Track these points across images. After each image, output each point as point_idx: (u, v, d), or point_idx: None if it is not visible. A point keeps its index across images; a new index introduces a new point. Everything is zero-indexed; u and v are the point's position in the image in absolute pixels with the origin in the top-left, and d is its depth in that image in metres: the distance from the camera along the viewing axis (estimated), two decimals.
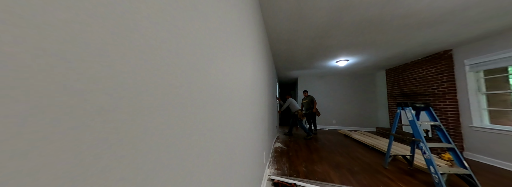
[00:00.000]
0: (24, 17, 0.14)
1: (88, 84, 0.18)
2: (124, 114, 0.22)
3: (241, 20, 0.89)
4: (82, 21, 0.17)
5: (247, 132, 0.99)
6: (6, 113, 0.13)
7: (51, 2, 0.15)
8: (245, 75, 0.97)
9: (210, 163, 0.48)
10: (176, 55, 0.33)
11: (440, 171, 1.58)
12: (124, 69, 0.22)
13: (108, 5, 0.20)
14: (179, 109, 0.34)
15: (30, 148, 0.14)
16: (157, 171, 0.28)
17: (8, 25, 0.13)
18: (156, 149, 0.28)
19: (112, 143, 0.21)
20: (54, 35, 0.15)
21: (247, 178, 0.98)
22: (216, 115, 0.53)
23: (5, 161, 0.12)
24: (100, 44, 0.19)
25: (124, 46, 0.22)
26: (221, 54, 0.58)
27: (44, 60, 0.15)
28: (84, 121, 0.18)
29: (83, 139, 0.17)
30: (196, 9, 0.41)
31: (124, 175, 0.22)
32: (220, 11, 0.58)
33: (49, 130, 0.15)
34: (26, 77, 0.13)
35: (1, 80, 0.12)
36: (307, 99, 4.45)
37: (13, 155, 0.13)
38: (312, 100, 4.36)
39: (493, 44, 2.35)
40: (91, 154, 0.18)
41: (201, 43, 0.43)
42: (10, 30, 0.13)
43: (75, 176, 0.17)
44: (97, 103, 0.19)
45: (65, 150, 0.16)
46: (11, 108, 0.13)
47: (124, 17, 0.22)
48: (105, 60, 0.20)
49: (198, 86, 0.42)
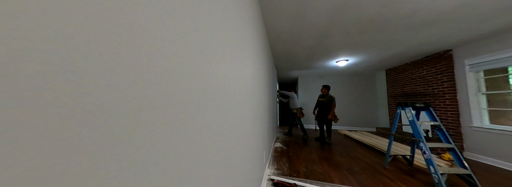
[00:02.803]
0: (24, 17, 0.14)
1: (87, 84, 0.18)
2: (123, 114, 0.22)
3: (241, 20, 0.89)
4: (82, 21, 0.17)
5: (247, 132, 0.99)
6: (6, 112, 0.13)
7: (52, 2, 0.15)
8: (245, 75, 0.97)
9: (209, 163, 0.48)
10: (175, 55, 0.33)
11: (440, 171, 1.58)
12: (124, 69, 0.22)
13: (109, 6, 0.20)
14: (178, 108, 0.34)
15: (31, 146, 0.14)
16: (157, 171, 0.28)
17: (8, 25, 0.13)
18: (156, 149, 0.28)
19: (112, 143, 0.21)
20: (55, 35, 0.15)
21: (247, 178, 0.98)
22: (216, 114, 0.53)
23: (5, 161, 0.12)
24: (100, 44, 0.19)
25: (124, 46, 0.22)
26: (221, 54, 0.58)
27: (44, 59, 0.15)
28: (84, 120, 0.18)
29: (82, 139, 0.17)
30: (195, 9, 0.41)
31: (124, 175, 0.22)
32: (220, 11, 0.58)
33: (49, 129, 0.15)
34: (25, 77, 0.13)
35: (2, 81, 0.12)
36: (324, 98, 3.50)
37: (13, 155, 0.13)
38: (331, 101, 3.38)
39: (493, 44, 2.35)
40: (91, 154, 0.18)
41: (201, 43, 0.43)
42: (10, 32, 0.13)
43: (75, 176, 0.17)
44: (97, 103, 0.19)
45: (65, 150, 0.16)
46: (11, 108, 0.13)
47: (124, 17, 0.22)
48: (105, 60, 0.20)
49: (198, 86, 0.42)
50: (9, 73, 0.13)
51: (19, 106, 0.13)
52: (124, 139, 0.22)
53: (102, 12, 0.19)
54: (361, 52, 3.12)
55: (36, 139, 0.14)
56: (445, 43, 2.60)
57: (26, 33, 0.14)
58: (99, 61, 0.19)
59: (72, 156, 0.17)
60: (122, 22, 0.22)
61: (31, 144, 0.14)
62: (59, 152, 0.16)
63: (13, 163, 0.13)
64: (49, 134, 0.15)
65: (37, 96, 0.14)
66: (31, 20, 0.14)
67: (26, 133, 0.14)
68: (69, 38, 0.16)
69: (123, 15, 0.22)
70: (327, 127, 3.48)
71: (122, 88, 0.22)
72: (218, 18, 0.56)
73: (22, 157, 0.13)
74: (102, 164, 0.19)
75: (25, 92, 0.13)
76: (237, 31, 0.81)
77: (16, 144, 0.13)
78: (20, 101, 0.13)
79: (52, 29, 0.15)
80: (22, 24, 0.13)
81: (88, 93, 0.18)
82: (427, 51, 2.98)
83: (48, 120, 0.15)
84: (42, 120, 0.14)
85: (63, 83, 0.16)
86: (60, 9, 0.16)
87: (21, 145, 0.13)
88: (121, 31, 0.22)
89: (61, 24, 0.16)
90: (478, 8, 1.66)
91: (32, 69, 0.14)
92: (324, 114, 3.45)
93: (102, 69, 0.19)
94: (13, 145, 0.13)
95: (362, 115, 5.29)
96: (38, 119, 0.14)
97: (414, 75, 3.61)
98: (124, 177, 0.22)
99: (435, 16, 1.80)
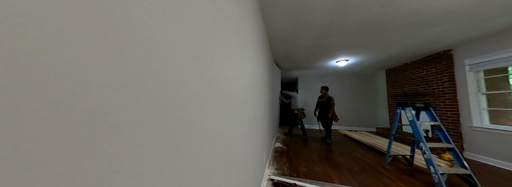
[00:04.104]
0: (23, 17, 0.14)
1: (87, 84, 0.18)
2: (123, 114, 0.22)
3: (241, 20, 0.89)
4: (82, 21, 0.17)
5: (247, 132, 0.99)
6: (6, 112, 0.13)
7: (52, 2, 0.15)
8: (245, 76, 0.97)
9: (209, 163, 0.48)
10: (175, 55, 0.33)
11: (440, 171, 1.58)
12: (123, 69, 0.22)
13: (110, 6, 0.20)
14: (178, 108, 0.34)
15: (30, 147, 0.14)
16: (156, 172, 0.28)
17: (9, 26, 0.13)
18: (155, 149, 0.28)
19: (111, 143, 0.21)
20: (55, 35, 0.15)
21: (247, 178, 0.98)
22: (216, 114, 0.53)
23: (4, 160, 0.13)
24: (100, 43, 0.19)
25: (124, 46, 0.22)
26: (221, 54, 0.58)
27: (44, 59, 0.15)
28: (84, 120, 0.18)
29: (82, 138, 0.17)
30: (195, 9, 0.41)
31: (124, 175, 0.22)
32: (220, 11, 0.58)
33: (49, 129, 0.15)
34: (24, 77, 0.14)
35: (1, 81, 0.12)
36: (323, 98, 3.57)
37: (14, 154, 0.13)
38: (330, 101, 3.45)
39: (493, 44, 2.35)
40: (90, 154, 0.18)
41: (201, 43, 0.43)
42: (11, 31, 0.13)
43: (74, 176, 0.17)
44: (97, 103, 0.19)
45: (65, 150, 0.16)
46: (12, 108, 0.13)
47: (124, 17, 0.22)
48: (105, 60, 0.20)
49: (198, 86, 0.42)
50: (8, 74, 0.13)
51: (20, 106, 0.13)
52: (125, 139, 0.22)
53: (102, 12, 0.19)
54: (361, 52, 3.12)
55: (36, 139, 0.14)
56: (445, 43, 2.60)
57: (25, 33, 0.14)
58: (99, 61, 0.19)
59: (72, 156, 0.17)
60: (122, 22, 0.22)
61: (29, 144, 0.14)
62: (58, 152, 0.16)
63: (12, 162, 0.13)
64: (49, 133, 0.15)
65: (38, 95, 0.14)
66: (31, 21, 0.14)
67: (25, 133, 0.14)
68: (70, 37, 0.16)
69: (124, 15, 0.22)
70: (327, 127, 3.50)
71: (122, 88, 0.22)
72: (218, 18, 0.56)
73: (21, 157, 0.13)
74: (103, 164, 0.19)
75: (25, 93, 0.13)
76: (237, 31, 0.81)
77: (15, 144, 0.13)
78: (21, 101, 0.13)
79: (52, 29, 0.15)
80: (22, 24, 0.13)
81: (88, 93, 0.18)
82: (427, 51, 2.98)
83: (48, 120, 0.15)
84: (43, 119, 0.14)
85: (63, 84, 0.16)
86: (60, 9, 0.16)
87: (21, 144, 0.13)
88: (121, 32, 0.22)
89: (63, 25, 0.16)
90: (478, 8, 1.66)
91: (33, 69, 0.14)
92: (325, 114, 3.48)
93: (102, 69, 0.19)
94: (13, 145, 0.13)
95: (362, 115, 5.29)
96: (39, 119, 0.14)
97: (414, 75, 3.61)
98: (124, 177, 0.22)
99: (435, 16, 1.80)
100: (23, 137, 0.13)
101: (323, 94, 3.63)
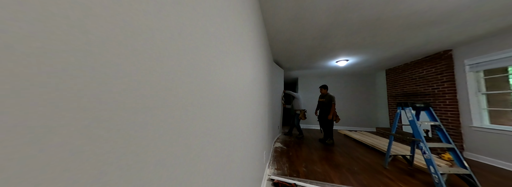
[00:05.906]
0: (23, 16, 0.14)
1: (86, 84, 0.18)
2: (123, 114, 0.22)
3: (241, 20, 0.89)
4: (81, 21, 0.17)
5: (246, 132, 0.99)
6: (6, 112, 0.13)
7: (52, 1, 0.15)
8: (245, 75, 0.97)
9: (209, 163, 0.48)
10: (175, 55, 0.33)
11: (440, 171, 1.58)
12: (123, 69, 0.22)
13: (111, 6, 0.20)
14: (178, 108, 0.34)
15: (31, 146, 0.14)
16: (157, 171, 0.28)
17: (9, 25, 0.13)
18: (155, 149, 0.28)
19: (111, 142, 0.21)
20: (54, 35, 0.15)
21: (247, 178, 0.98)
22: (216, 114, 0.53)
23: (5, 160, 0.12)
24: (100, 43, 0.19)
25: (124, 46, 0.22)
26: (221, 54, 0.58)
27: (43, 59, 0.15)
28: (83, 120, 0.18)
29: (82, 138, 0.17)
30: (195, 9, 0.41)
31: (124, 174, 0.22)
32: (220, 11, 0.58)
33: (47, 129, 0.15)
34: (25, 77, 0.13)
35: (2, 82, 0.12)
36: (324, 98, 3.47)
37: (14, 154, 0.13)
38: (331, 100, 3.33)
39: (493, 44, 2.35)
40: (90, 154, 0.18)
41: (201, 43, 0.43)
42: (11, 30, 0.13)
43: (74, 177, 0.17)
44: (96, 103, 0.19)
45: (64, 150, 0.16)
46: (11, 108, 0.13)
47: (124, 17, 0.22)
48: (104, 60, 0.20)
49: (197, 86, 0.42)
50: (9, 73, 0.13)
51: (20, 106, 0.13)
52: (124, 139, 0.22)
53: (103, 12, 0.19)
54: (361, 52, 3.12)
55: (36, 139, 0.14)
56: (445, 43, 2.60)
57: (26, 33, 0.14)
58: (99, 61, 0.19)
59: (72, 156, 0.17)
60: (122, 23, 0.22)
61: (31, 143, 0.14)
62: (59, 151, 0.16)
63: (13, 162, 0.13)
64: (49, 133, 0.15)
65: (38, 95, 0.14)
66: (32, 20, 0.14)
67: (26, 133, 0.14)
68: (71, 38, 0.16)
69: (124, 16, 0.22)
70: (327, 127, 3.41)
71: (123, 88, 0.22)
72: (218, 18, 0.56)
73: (22, 156, 0.13)
74: (102, 164, 0.19)
75: (25, 93, 0.13)
76: (237, 31, 0.81)
77: (15, 143, 0.13)
78: (21, 101, 0.13)
79: (52, 29, 0.15)
80: (22, 24, 0.13)
81: (88, 93, 0.18)
82: (427, 51, 2.98)
83: (49, 119, 0.15)
84: (44, 119, 0.14)
85: (63, 84, 0.16)
86: (61, 9, 0.16)
87: (22, 143, 0.13)
88: (121, 32, 0.22)
89: (64, 25, 0.16)
90: (478, 8, 1.66)
91: (34, 69, 0.14)
92: (326, 114, 3.40)
93: (101, 69, 0.19)
94: (13, 144, 0.13)
95: (362, 115, 5.29)
96: (39, 119, 0.14)
97: (414, 75, 3.61)
98: (124, 177, 0.22)
99: (435, 16, 1.80)
100: (23, 137, 0.13)
101: (324, 93, 3.53)
